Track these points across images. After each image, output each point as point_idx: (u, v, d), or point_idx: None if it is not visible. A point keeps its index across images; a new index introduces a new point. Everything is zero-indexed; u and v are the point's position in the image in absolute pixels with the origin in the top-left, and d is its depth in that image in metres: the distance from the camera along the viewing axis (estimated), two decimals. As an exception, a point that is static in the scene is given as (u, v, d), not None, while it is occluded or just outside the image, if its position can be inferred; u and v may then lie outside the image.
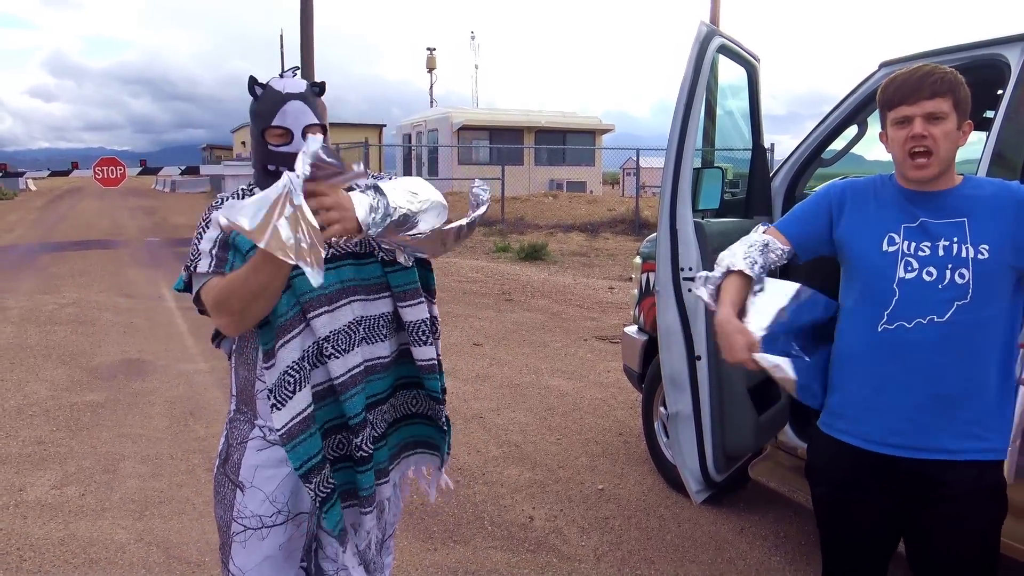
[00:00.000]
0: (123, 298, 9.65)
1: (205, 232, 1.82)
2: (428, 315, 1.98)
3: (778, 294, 2.04)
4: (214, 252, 1.78)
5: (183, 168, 15.60)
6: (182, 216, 23.40)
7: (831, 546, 2.15)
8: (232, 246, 1.79)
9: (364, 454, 1.90)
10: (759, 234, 2.12)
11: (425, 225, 1.75)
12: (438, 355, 2.02)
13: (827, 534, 2.16)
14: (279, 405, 1.80)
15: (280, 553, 1.92)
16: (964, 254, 1.86)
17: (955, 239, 1.87)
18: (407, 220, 1.69)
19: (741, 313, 1.99)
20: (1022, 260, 1.86)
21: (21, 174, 20.42)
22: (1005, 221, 1.87)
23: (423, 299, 1.98)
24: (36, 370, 6.29)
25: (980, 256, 1.85)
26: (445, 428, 2.13)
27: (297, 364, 1.81)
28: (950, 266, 1.86)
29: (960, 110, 1.86)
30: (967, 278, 1.85)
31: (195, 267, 1.79)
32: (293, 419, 1.80)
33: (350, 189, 1.67)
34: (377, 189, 1.66)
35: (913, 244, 1.90)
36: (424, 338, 1.97)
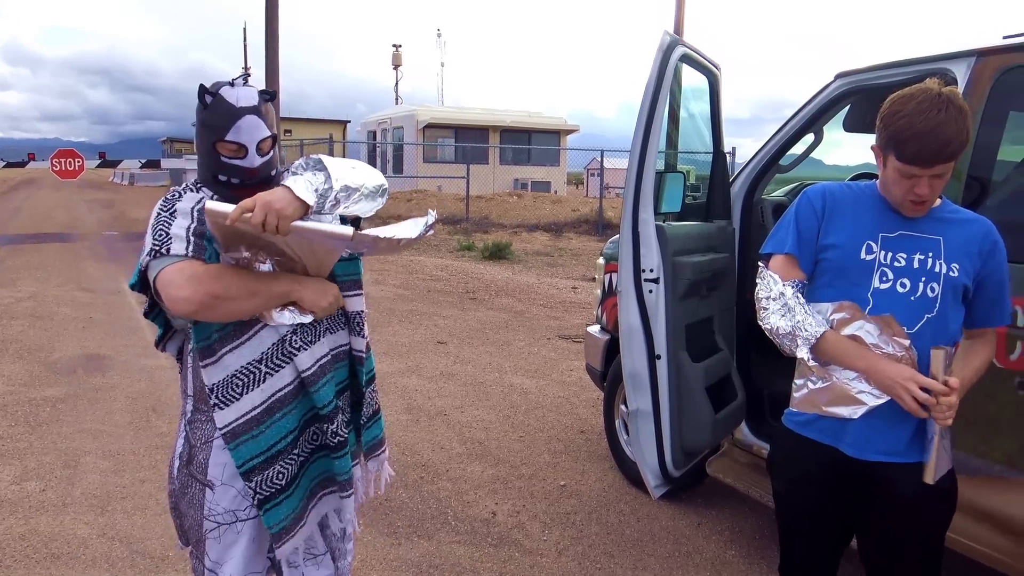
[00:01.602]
0: (81, 292, 9.51)
1: (173, 220, 1.81)
2: (363, 307, 2.06)
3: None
4: (191, 238, 1.78)
5: (143, 161, 15.35)
6: (141, 210, 23.01)
7: (786, 535, 2.26)
8: (210, 238, 1.80)
9: (340, 438, 1.96)
10: (782, 285, 2.05)
11: (367, 204, 1.86)
12: (367, 346, 2.07)
13: (783, 524, 2.26)
14: (222, 405, 1.84)
15: (253, 545, 1.96)
16: (938, 269, 1.94)
17: (930, 254, 1.95)
18: (349, 191, 1.79)
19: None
20: (972, 288, 1.99)
21: (-27, 164, 19.87)
22: (970, 251, 1.97)
23: (361, 292, 2.05)
24: (-8, 365, 6.20)
25: (951, 274, 1.94)
26: (379, 412, 2.19)
27: (251, 366, 1.85)
28: (923, 279, 1.94)
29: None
30: (936, 292, 1.93)
31: (167, 249, 1.76)
32: (237, 419, 1.85)
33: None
34: (316, 165, 1.75)
35: (890, 254, 1.96)
36: (359, 329, 2.04)
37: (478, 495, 4.07)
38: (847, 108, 3.76)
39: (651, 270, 3.34)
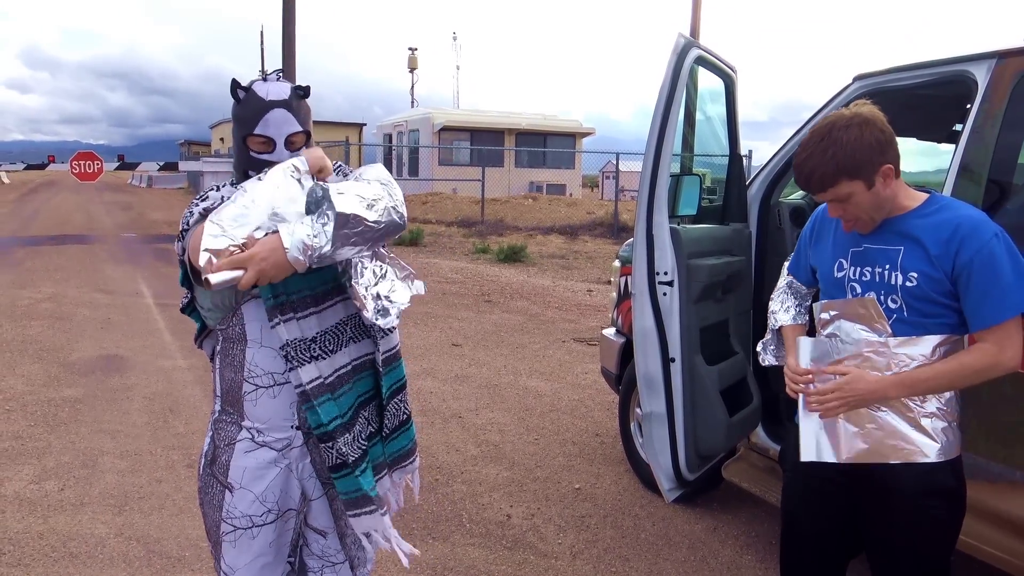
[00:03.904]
0: (100, 294, 9.59)
1: (198, 205, 1.84)
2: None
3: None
4: (202, 214, 1.80)
5: (161, 164, 15.49)
6: (159, 212, 23.19)
7: (789, 529, 2.26)
8: None
9: (341, 459, 1.90)
10: (783, 278, 2.38)
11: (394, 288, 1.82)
12: (396, 355, 2.02)
13: (787, 517, 2.27)
14: (301, 363, 1.81)
15: (270, 550, 1.95)
16: (894, 281, 1.93)
17: (887, 266, 1.95)
18: (355, 221, 1.69)
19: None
20: (952, 292, 1.88)
21: (-6, 167, 20.10)
22: (935, 254, 1.87)
23: None
24: (12, 365, 6.25)
25: (908, 283, 1.91)
26: (408, 423, 2.13)
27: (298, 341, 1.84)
28: (883, 292, 1.95)
29: (865, 175, 1.85)
30: (899, 303, 1.92)
31: (186, 223, 1.80)
32: (314, 380, 1.82)
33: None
34: (320, 204, 1.67)
35: (857, 269, 2.01)
36: (381, 337, 1.98)
37: (493, 497, 4.07)
38: (865, 111, 3.73)
39: (665, 272, 3.33)
